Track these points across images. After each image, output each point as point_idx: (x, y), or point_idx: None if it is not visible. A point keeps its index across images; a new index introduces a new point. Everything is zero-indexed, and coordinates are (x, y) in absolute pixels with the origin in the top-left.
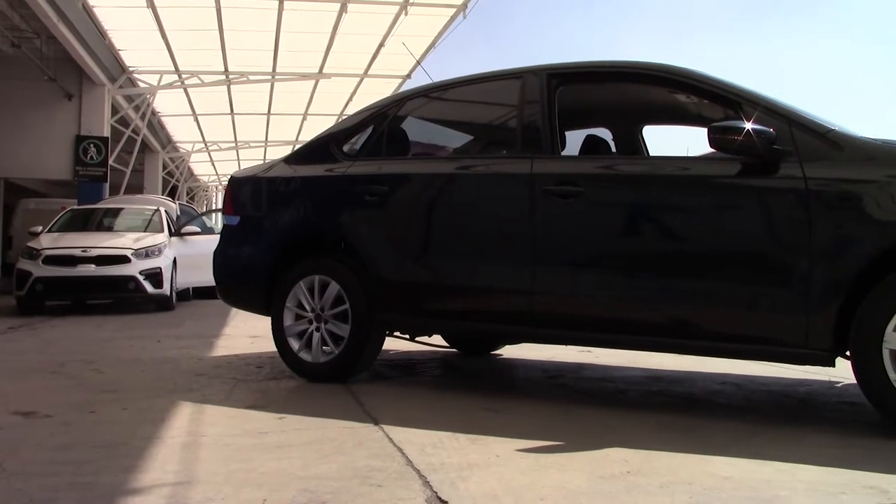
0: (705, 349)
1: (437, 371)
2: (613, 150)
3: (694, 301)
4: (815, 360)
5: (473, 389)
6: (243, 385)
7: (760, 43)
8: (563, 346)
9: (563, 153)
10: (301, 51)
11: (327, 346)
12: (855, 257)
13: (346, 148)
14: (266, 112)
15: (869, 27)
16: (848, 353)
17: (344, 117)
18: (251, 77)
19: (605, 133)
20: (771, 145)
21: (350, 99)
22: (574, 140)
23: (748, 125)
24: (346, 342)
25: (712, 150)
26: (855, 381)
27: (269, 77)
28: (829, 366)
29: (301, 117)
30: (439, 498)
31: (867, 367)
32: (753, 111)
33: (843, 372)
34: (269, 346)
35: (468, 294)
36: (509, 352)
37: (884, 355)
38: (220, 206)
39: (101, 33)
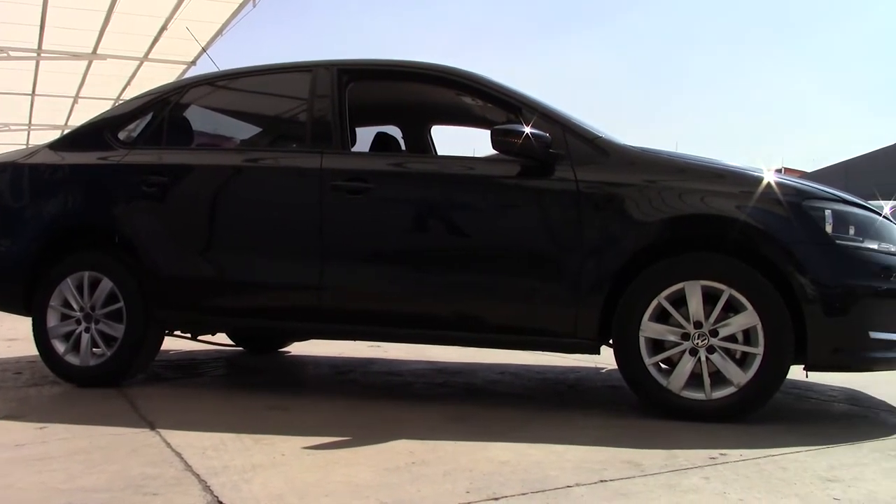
0: (487, 341)
1: (221, 370)
2: (403, 147)
3: (477, 295)
4: (583, 349)
5: (260, 388)
6: None
7: (541, 55)
8: (352, 342)
9: (354, 149)
10: (72, 28)
11: (98, 347)
12: (618, 254)
13: (121, 135)
14: (30, 93)
15: (634, 46)
16: (611, 341)
17: (120, 102)
18: (12, 53)
19: (394, 131)
20: (547, 149)
21: (128, 83)
22: (365, 137)
23: (527, 129)
24: (120, 343)
25: (495, 151)
26: (617, 367)
27: (34, 54)
28: (595, 354)
29: (71, 100)
30: (220, 502)
31: (626, 353)
32: (532, 116)
33: (607, 359)
34: (30, 349)
35: (254, 290)
36: (298, 348)
37: (640, 343)
38: None
39: None
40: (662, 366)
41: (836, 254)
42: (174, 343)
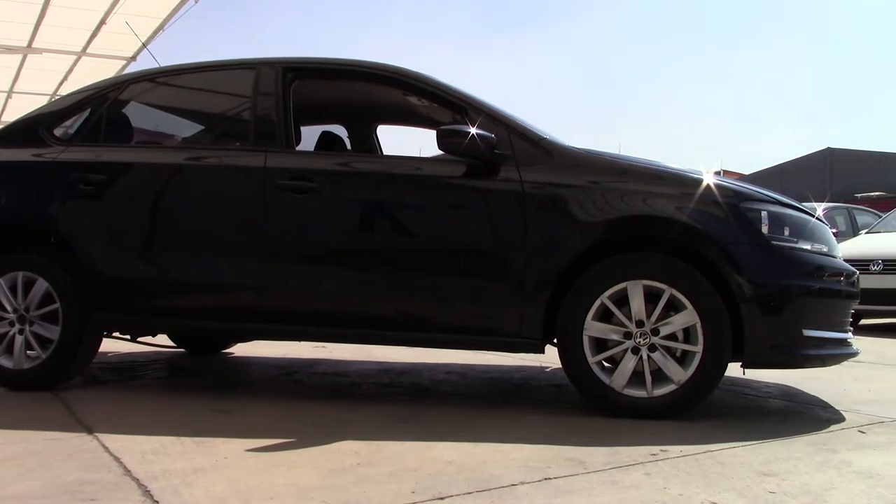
0: (434, 341)
1: (161, 373)
2: (349, 147)
3: (423, 295)
4: (528, 348)
5: (202, 390)
6: None
7: (488, 56)
8: (297, 342)
9: (299, 148)
10: (6, 21)
11: (33, 350)
12: (562, 254)
13: (57, 132)
14: None
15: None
16: (556, 340)
17: (57, 98)
18: None
19: (340, 130)
20: (492, 150)
21: (65, 78)
22: (310, 136)
23: (473, 130)
24: (56, 345)
25: (441, 151)
26: (561, 366)
27: None
28: (540, 353)
29: (5, 95)
30: None
31: (570, 352)
32: (478, 117)
33: (551, 358)
34: None
35: (197, 290)
36: (241, 349)
37: (584, 342)
38: None
39: None
40: (605, 364)
41: (772, 254)
42: (113, 345)
